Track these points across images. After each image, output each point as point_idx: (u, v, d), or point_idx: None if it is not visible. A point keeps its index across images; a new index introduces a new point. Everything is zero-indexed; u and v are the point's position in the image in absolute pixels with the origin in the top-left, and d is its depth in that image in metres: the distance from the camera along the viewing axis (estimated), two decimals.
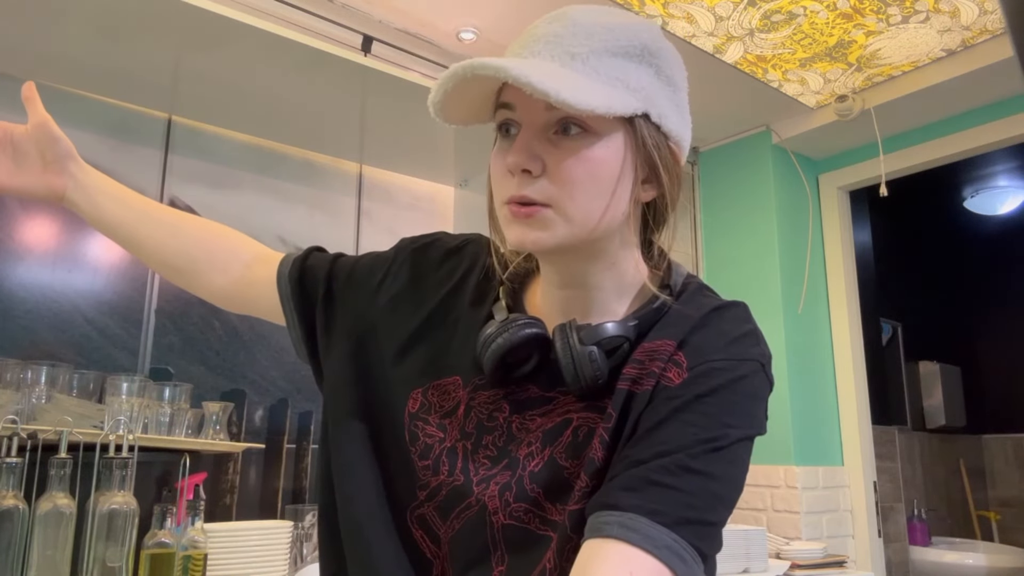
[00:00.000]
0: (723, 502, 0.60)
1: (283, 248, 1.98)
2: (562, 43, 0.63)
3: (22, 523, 1.25)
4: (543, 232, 0.64)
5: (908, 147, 2.57)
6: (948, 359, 4.11)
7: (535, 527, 0.65)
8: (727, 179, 2.82)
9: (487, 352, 0.68)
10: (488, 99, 0.66)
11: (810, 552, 2.18)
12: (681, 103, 0.70)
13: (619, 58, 0.64)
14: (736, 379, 0.63)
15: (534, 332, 0.68)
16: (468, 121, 0.68)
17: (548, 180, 0.63)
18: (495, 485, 0.68)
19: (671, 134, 0.67)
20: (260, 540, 1.51)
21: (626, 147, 0.65)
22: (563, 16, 0.65)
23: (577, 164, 0.63)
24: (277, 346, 1.86)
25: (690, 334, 0.66)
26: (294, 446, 1.84)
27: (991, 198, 3.98)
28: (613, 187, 0.64)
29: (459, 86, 0.61)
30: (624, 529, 0.56)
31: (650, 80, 0.65)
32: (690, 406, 0.61)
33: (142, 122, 1.76)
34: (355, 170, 2.10)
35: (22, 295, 1.54)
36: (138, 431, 1.45)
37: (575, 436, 0.66)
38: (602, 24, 0.64)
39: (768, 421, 0.68)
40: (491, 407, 0.71)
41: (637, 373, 0.65)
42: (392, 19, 2.00)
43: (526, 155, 0.63)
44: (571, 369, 0.65)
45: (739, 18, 1.99)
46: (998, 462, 4.31)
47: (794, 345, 2.58)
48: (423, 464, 0.71)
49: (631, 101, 0.63)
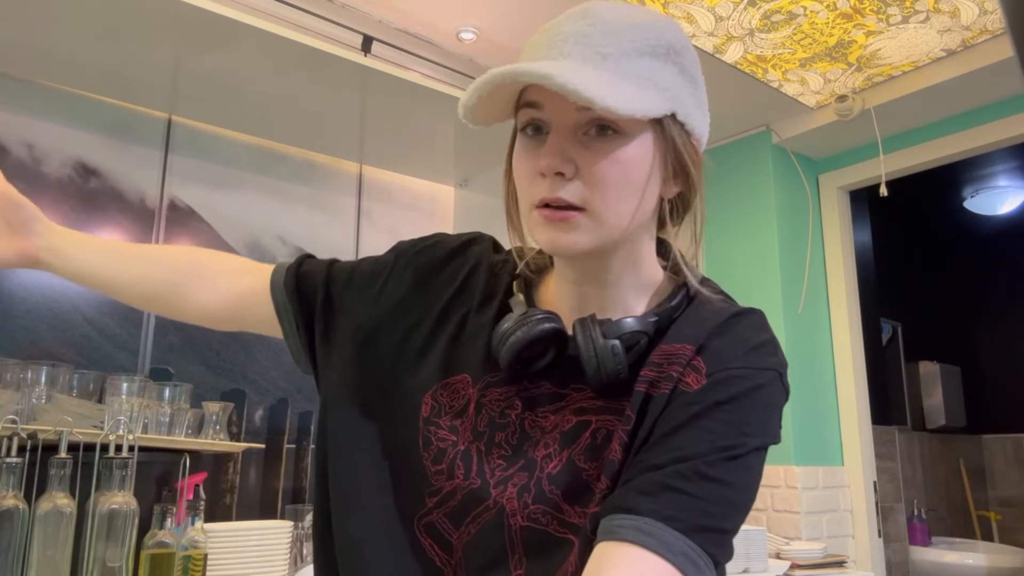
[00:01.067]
0: (738, 510, 0.61)
1: (283, 248, 1.99)
2: (591, 42, 0.63)
3: (22, 523, 1.25)
4: (577, 235, 0.64)
5: (908, 147, 2.57)
6: (948, 359, 4.11)
7: (553, 529, 0.64)
8: (727, 179, 2.82)
9: (504, 346, 0.68)
10: (511, 99, 0.66)
11: (810, 552, 2.18)
12: (701, 100, 0.70)
13: (647, 57, 0.64)
14: (754, 388, 0.63)
15: (553, 327, 0.68)
16: (491, 121, 0.68)
17: (581, 182, 0.63)
18: (513, 487, 0.67)
19: (694, 131, 0.68)
20: (260, 540, 1.51)
21: (655, 147, 0.65)
22: (589, 13, 0.64)
23: (610, 166, 0.63)
24: (277, 346, 1.86)
25: (709, 339, 0.66)
26: (294, 446, 1.84)
27: (991, 198, 3.98)
28: (643, 187, 0.65)
29: (495, 91, 0.61)
30: (640, 533, 0.56)
31: (676, 79, 0.66)
32: (709, 413, 0.61)
33: (142, 122, 1.76)
34: (355, 170, 2.10)
35: (22, 295, 1.54)
36: (138, 431, 1.45)
37: (594, 438, 0.66)
38: (628, 22, 0.64)
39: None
40: (503, 404, 0.70)
41: (655, 376, 0.65)
42: (392, 19, 2.00)
43: (560, 157, 0.62)
44: (593, 363, 0.65)
45: (739, 18, 1.99)
46: (998, 462, 4.31)
47: (794, 345, 2.58)
48: (436, 469, 0.70)
49: (661, 102, 0.63)
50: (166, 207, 1.76)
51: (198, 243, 1.79)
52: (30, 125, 1.60)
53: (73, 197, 1.63)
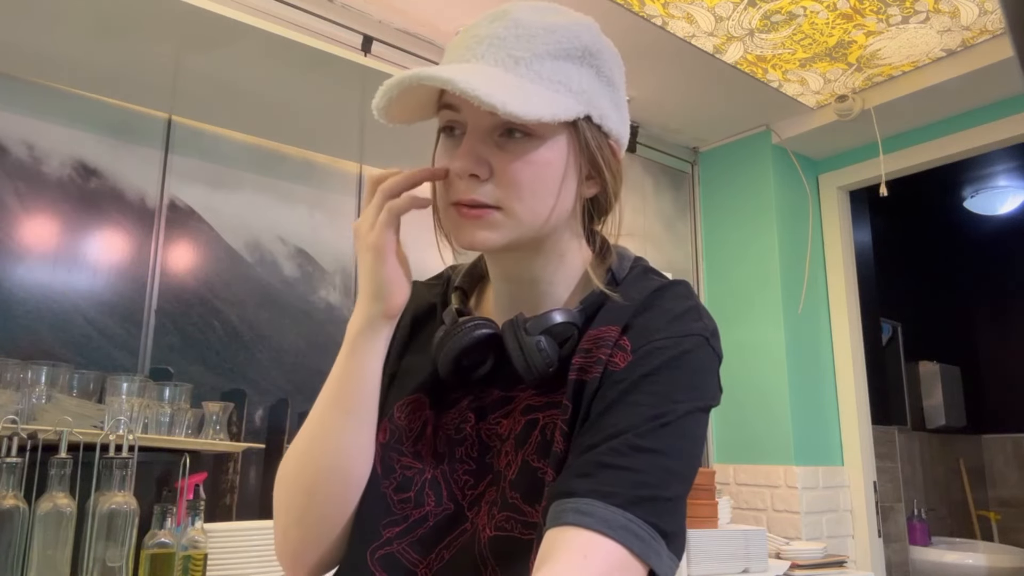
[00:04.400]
0: (677, 477, 0.61)
1: (283, 248, 1.99)
2: (505, 46, 0.64)
3: (22, 523, 1.25)
4: (492, 232, 0.65)
5: (908, 147, 2.57)
6: (948, 359, 4.11)
7: (519, 533, 0.64)
8: (727, 179, 2.82)
9: (440, 356, 0.69)
10: (432, 99, 0.68)
11: (810, 552, 2.18)
12: (620, 101, 0.71)
13: (561, 61, 0.65)
14: (679, 355, 0.64)
15: (486, 332, 0.69)
16: (411, 120, 0.70)
17: (495, 183, 0.64)
18: (486, 505, 0.67)
19: (611, 132, 0.69)
20: (260, 540, 1.51)
21: (569, 148, 0.66)
22: (504, 15, 0.66)
23: (523, 167, 0.64)
24: (277, 346, 1.86)
25: (633, 317, 0.67)
26: None
27: (991, 198, 3.98)
28: (558, 187, 0.66)
29: (404, 93, 0.63)
30: (579, 515, 0.56)
31: (591, 82, 0.67)
32: (636, 387, 0.62)
33: (142, 122, 1.76)
34: (355, 170, 2.10)
35: (22, 295, 1.54)
36: (138, 431, 1.45)
37: (543, 435, 0.66)
38: (543, 25, 0.65)
39: (722, 393, 0.69)
40: (457, 420, 0.71)
41: (584, 361, 0.66)
42: (392, 19, 2.00)
43: (472, 159, 0.64)
44: (521, 360, 0.66)
45: (739, 18, 1.99)
46: (998, 462, 4.31)
47: (794, 345, 2.58)
48: (400, 498, 0.69)
49: (574, 105, 0.64)
50: (166, 207, 1.76)
51: (198, 243, 1.79)
52: (30, 125, 1.60)
53: (73, 197, 1.63)
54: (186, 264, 1.76)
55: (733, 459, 2.63)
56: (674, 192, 2.88)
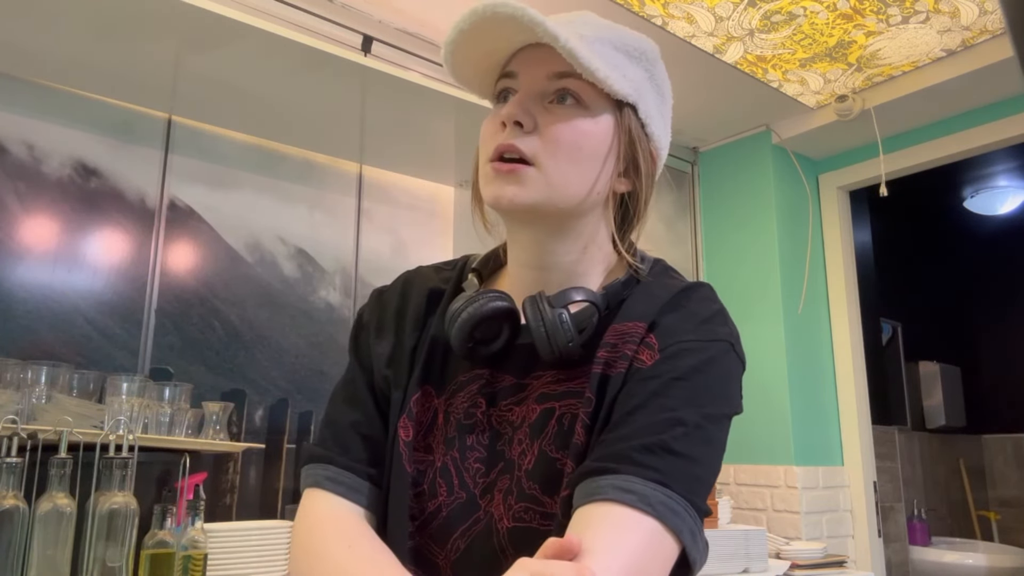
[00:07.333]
0: (704, 485, 0.61)
1: (283, 248, 1.99)
2: (571, 25, 0.67)
3: (22, 523, 1.25)
4: (521, 188, 0.66)
5: (908, 147, 2.57)
6: (948, 359, 4.11)
7: (538, 524, 0.64)
8: (727, 179, 2.82)
9: (455, 325, 0.68)
10: (494, 69, 0.70)
11: (810, 552, 2.18)
12: (666, 114, 0.73)
13: (620, 53, 0.68)
14: (708, 360, 0.64)
15: (504, 305, 0.69)
16: (471, 82, 0.72)
17: (537, 137, 0.66)
18: (499, 493, 0.67)
19: (653, 136, 0.71)
20: (260, 540, 1.51)
21: (612, 131, 0.68)
22: (572, 13, 0.70)
23: (566, 128, 0.66)
24: (277, 346, 1.86)
25: (660, 315, 0.67)
26: (294, 446, 1.84)
27: (991, 198, 3.98)
28: (594, 163, 0.67)
29: (476, 29, 0.65)
30: (619, 491, 0.56)
31: (643, 80, 0.70)
32: (667, 389, 0.62)
33: (142, 122, 1.76)
34: (355, 170, 2.10)
35: (22, 295, 1.54)
36: (138, 431, 1.45)
37: (560, 425, 0.66)
38: (608, 24, 0.70)
39: (742, 399, 0.69)
40: (467, 405, 0.70)
41: (609, 356, 0.66)
42: (392, 19, 2.00)
43: (521, 109, 0.66)
44: (542, 334, 0.66)
45: (739, 18, 1.99)
46: (998, 462, 4.30)
47: (794, 345, 2.58)
48: (415, 492, 0.69)
49: (627, 87, 0.67)
50: (166, 207, 1.76)
51: (198, 243, 1.79)
52: (30, 125, 1.60)
53: (73, 197, 1.63)
54: (186, 264, 1.76)
55: (733, 459, 2.63)
56: (674, 192, 2.88)
